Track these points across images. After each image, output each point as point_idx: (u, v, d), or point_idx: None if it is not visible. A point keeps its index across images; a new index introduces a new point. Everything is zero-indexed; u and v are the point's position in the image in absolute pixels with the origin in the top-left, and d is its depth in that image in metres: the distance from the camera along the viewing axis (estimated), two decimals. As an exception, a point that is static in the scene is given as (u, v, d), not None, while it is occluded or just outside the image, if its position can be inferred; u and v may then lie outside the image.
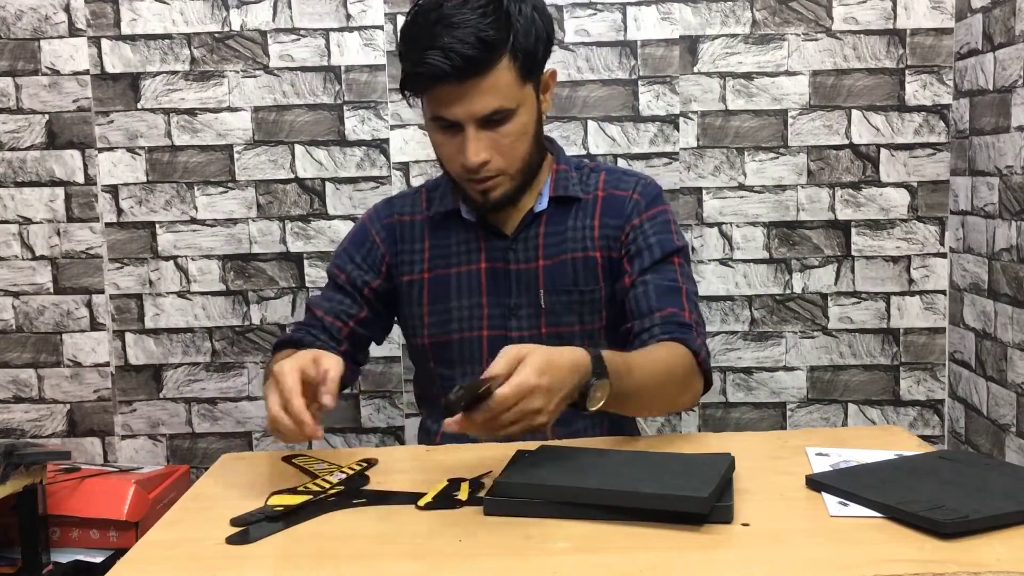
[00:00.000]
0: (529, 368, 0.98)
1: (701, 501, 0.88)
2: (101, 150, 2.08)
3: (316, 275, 2.10)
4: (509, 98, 1.21)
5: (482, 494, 0.98)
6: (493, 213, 1.33)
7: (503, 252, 1.34)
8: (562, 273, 1.33)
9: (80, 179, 2.09)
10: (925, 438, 2.00)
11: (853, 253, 2.09)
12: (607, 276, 1.34)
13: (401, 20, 2.04)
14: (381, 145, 2.08)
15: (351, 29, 2.05)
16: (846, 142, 2.07)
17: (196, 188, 2.09)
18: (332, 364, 1.08)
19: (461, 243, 1.36)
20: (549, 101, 1.32)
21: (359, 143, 2.08)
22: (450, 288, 1.35)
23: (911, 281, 2.10)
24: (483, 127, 1.21)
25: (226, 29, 2.05)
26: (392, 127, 2.07)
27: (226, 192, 2.09)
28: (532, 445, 1.15)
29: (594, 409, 1.07)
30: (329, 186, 2.09)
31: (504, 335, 1.32)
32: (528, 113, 1.25)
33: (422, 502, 0.98)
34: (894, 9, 2.03)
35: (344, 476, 1.07)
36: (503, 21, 1.18)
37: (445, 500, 0.99)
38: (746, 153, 2.07)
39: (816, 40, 2.04)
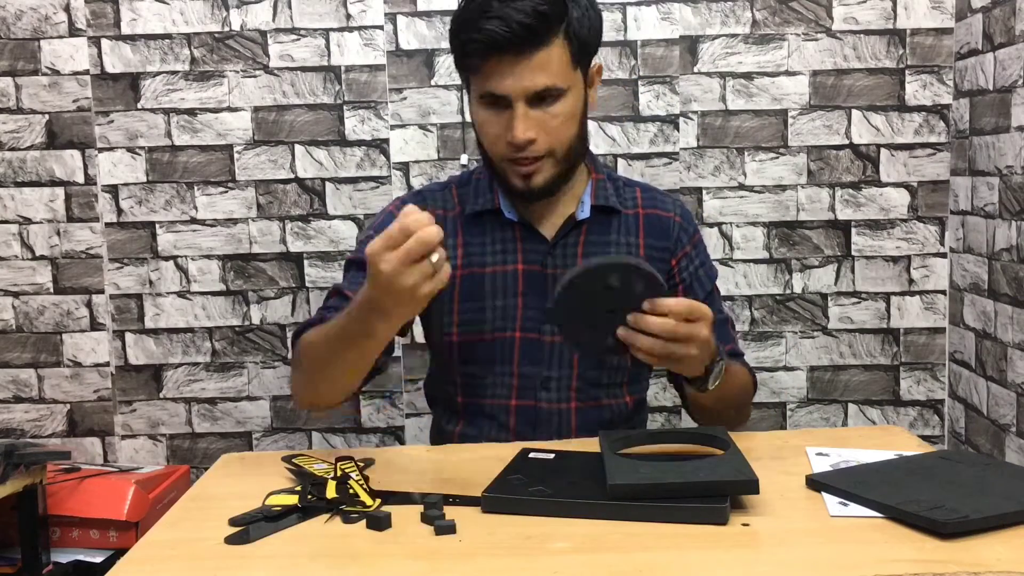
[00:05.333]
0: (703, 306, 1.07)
1: (753, 484, 0.93)
2: (101, 150, 2.08)
3: (316, 275, 2.10)
4: (561, 77, 1.21)
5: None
6: (532, 203, 1.31)
7: (541, 256, 1.32)
8: None
9: (80, 179, 2.09)
10: (925, 438, 2.00)
11: (853, 253, 2.09)
12: None
13: (401, 20, 2.05)
14: (381, 145, 2.08)
15: (351, 29, 2.05)
16: (846, 142, 2.07)
17: (196, 188, 2.09)
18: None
19: (497, 242, 1.34)
20: (595, 96, 1.32)
21: (359, 143, 2.08)
22: (484, 287, 1.32)
23: (911, 281, 2.10)
24: (532, 105, 1.21)
25: (226, 29, 2.05)
26: (392, 127, 2.07)
27: (226, 192, 2.09)
28: (534, 445, 1.16)
29: (712, 388, 1.17)
30: (329, 186, 2.08)
31: (538, 338, 1.31)
32: (576, 98, 1.25)
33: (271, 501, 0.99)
34: (894, 9, 2.03)
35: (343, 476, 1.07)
36: (560, 1, 1.20)
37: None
38: (746, 153, 2.07)
39: (816, 40, 2.04)
